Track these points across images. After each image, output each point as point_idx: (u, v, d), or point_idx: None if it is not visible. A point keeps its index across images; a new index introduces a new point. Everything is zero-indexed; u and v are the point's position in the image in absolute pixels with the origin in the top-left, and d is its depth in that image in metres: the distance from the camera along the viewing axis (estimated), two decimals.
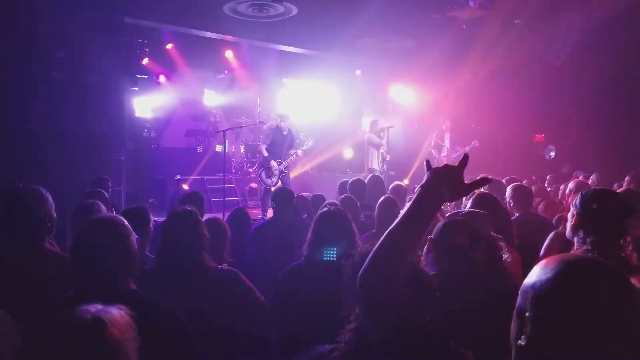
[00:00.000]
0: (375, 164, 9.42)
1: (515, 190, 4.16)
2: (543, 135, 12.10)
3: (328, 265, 2.44)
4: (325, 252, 2.50)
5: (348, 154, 13.00)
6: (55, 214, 2.55)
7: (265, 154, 8.46)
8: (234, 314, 2.28)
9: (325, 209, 2.75)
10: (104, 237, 1.84)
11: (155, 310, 1.81)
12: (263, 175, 8.50)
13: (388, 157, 9.46)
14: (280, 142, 8.56)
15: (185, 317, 1.88)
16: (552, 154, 11.12)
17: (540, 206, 5.21)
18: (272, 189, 8.32)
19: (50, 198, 2.55)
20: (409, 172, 11.95)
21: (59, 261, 2.42)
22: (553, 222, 4.44)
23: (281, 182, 8.47)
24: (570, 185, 4.83)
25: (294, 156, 8.71)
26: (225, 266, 2.60)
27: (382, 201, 3.84)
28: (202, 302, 2.18)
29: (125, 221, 1.93)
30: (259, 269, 3.80)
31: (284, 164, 8.53)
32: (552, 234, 3.55)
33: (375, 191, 5.70)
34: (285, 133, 8.63)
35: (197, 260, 2.36)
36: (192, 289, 2.22)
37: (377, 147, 9.32)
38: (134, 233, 1.92)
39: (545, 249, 3.51)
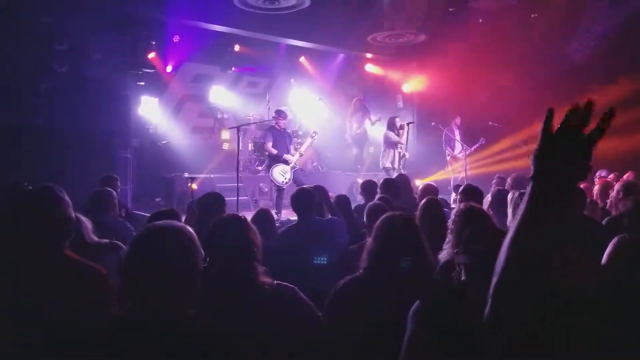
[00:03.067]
0: (389, 163, 9.04)
1: None
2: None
3: (396, 281, 2.10)
4: (394, 266, 2.15)
5: (357, 151, 12.68)
6: (73, 215, 2.22)
7: (274, 151, 8.11)
8: (291, 335, 1.93)
9: (390, 214, 2.38)
10: (169, 249, 1.55)
11: (220, 343, 1.52)
12: (276, 173, 8.08)
13: (407, 156, 9.07)
14: (282, 139, 8.28)
15: (239, 340, 1.59)
16: None
17: None
18: (285, 186, 8.01)
19: (66, 197, 2.23)
20: (424, 172, 11.60)
21: (82, 270, 2.11)
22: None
23: (294, 177, 8.10)
24: (617, 186, 4.51)
25: (304, 149, 8.51)
26: (279, 282, 2.26)
27: (425, 203, 3.48)
28: (257, 324, 1.84)
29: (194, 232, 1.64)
30: (287, 276, 3.47)
31: (293, 159, 8.24)
32: (616, 240, 3.23)
33: (402, 191, 5.36)
34: (282, 129, 8.38)
35: (251, 276, 2.01)
36: (245, 310, 1.88)
37: (395, 145, 8.94)
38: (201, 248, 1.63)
39: (610, 255, 3.18)
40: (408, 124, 9.09)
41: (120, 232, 3.98)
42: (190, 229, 1.67)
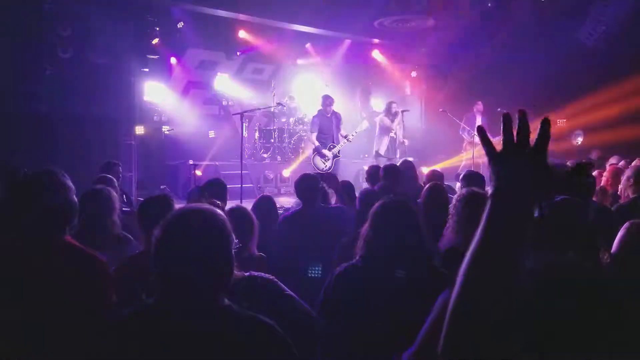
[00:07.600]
0: (379, 148, 8.87)
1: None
2: (565, 119, 11.60)
3: (393, 268, 2.03)
4: (391, 253, 2.07)
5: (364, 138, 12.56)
6: (76, 200, 2.15)
7: (316, 143, 8.26)
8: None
9: (385, 199, 2.30)
10: (203, 235, 1.48)
11: (255, 331, 1.48)
12: (317, 160, 8.28)
13: (406, 142, 8.94)
14: (329, 127, 8.32)
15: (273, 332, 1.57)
16: (580, 139, 10.61)
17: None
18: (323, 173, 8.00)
19: (68, 181, 2.16)
20: (431, 159, 11.41)
21: (81, 258, 2.04)
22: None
23: (335, 167, 8.26)
24: (627, 172, 4.39)
25: (347, 140, 8.43)
26: (252, 273, 2.16)
27: (428, 189, 3.39)
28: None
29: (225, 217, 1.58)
30: (289, 264, 3.41)
31: (337, 147, 8.32)
32: (628, 225, 3.13)
33: (407, 178, 5.27)
34: (329, 115, 8.35)
35: None
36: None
37: (387, 130, 8.77)
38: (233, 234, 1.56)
39: (622, 241, 3.08)
40: (402, 111, 8.89)
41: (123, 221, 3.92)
42: (221, 213, 1.59)
